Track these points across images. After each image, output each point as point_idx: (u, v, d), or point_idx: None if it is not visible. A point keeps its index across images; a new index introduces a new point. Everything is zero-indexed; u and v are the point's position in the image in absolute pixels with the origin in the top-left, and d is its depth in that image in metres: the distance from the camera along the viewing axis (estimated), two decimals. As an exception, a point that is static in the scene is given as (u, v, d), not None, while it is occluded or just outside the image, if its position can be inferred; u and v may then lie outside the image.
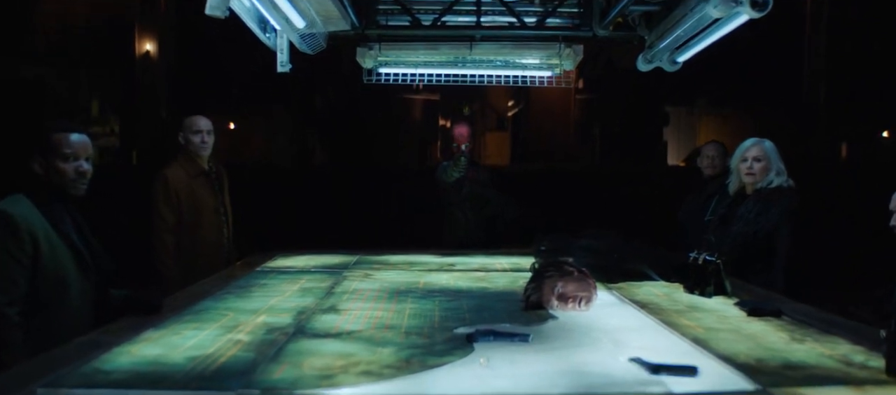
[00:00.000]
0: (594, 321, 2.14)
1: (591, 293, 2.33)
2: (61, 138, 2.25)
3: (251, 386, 1.50)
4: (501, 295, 2.62)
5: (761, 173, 3.21)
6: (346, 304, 2.41)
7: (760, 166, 3.21)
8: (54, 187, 2.24)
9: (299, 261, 3.48)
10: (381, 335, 1.96)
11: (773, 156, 3.22)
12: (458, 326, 2.07)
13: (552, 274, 2.36)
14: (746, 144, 3.29)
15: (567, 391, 1.48)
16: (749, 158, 3.24)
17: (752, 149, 3.25)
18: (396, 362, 1.69)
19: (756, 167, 3.22)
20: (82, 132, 2.30)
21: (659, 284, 2.83)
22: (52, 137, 2.24)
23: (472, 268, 3.28)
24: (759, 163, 3.22)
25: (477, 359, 1.72)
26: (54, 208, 2.24)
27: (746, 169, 3.23)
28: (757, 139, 3.29)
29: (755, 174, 3.22)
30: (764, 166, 3.21)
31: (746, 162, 3.24)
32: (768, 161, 3.21)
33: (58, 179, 2.23)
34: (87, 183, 2.29)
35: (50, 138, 2.23)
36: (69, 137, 2.26)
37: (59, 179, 2.23)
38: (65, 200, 2.28)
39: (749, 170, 3.23)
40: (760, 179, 3.21)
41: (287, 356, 1.74)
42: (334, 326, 2.08)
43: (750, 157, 3.24)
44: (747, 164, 3.24)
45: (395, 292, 2.65)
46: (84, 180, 2.28)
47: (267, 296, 2.54)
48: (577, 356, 1.76)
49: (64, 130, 2.28)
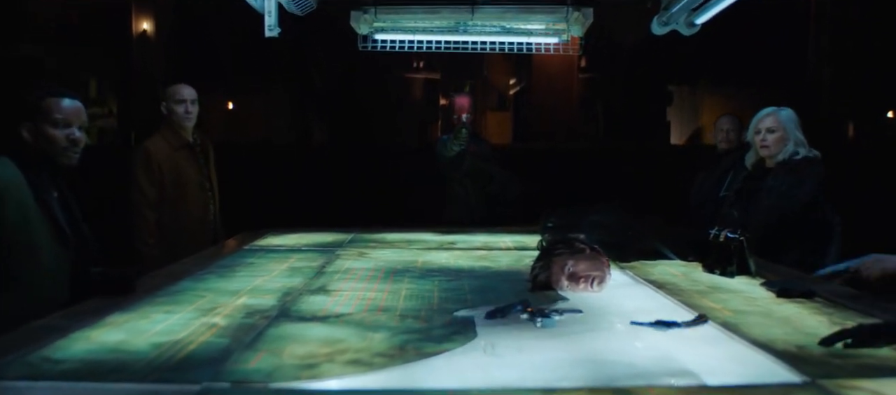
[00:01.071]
0: (609, 304, 1.95)
1: (604, 273, 2.13)
2: (52, 103, 2.06)
3: (220, 377, 1.30)
4: (506, 275, 2.42)
5: (776, 145, 3.00)
6: (336, 284, 2.22)
7: (774, 137, 3.00)
8: (43, 155, 2.06)
9: (290, 239, 3.28)
10: (373, 319, 1.76)
11: (789, 126, 3.00)
12: (458, 308, 1.87)
13: (562, 252, 2.16)
14: (760, 115, 3.08)
15: (585, 383, 1.28)
16: (762, 130, 3.04)
17: (766, 120, 3.04)
18: (389, 349, 1.50)
19: (770, 139, 3.01)
20: (75, 98, 2.12)
21: (675, 263, 2.63)
22: (42, 101, 2.06)
23: (474, 246, 3.08)
24: (773, 134, 3.01)
25: (476, 345, 1.52)
26: (42, 177, 2.06)
27: (760, 141, 3.03)
28: (773, 109, 3.07)
29: (769, 146, 3.01)
30: (779, 137, 3.00)
31: (759, 134, 3.04)
32: (784, 132, 2.99)
33: (48, 146, 2.07)
34: (79, 152, 2.13)
35: (40, 103, 2.06)
36: (61, 103, 2.07)
37: (50, 146, 2.07)
38: (55, 170, 2.10)
39: (763, 142, 3.02)
40: (776, 151, 3.00)
41: (266, 342, 1.54)
42: (322, 308, 1.88)
43: (763, 128, 3.03)
44: (761, 136, 3.03)
45: (390, 271, 2.46)
46: (76, 149, 2.11)
47: (251, 276, 2.34)
48: (593, 342, 1.56)
49: (55, 94, 2.08)
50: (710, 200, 3.74)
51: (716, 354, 1.48)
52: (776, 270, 2.44)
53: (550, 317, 1.71)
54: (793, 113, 3.06)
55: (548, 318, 1.69)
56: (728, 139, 3.95)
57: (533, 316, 1.71)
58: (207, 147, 3.32)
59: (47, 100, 2.06)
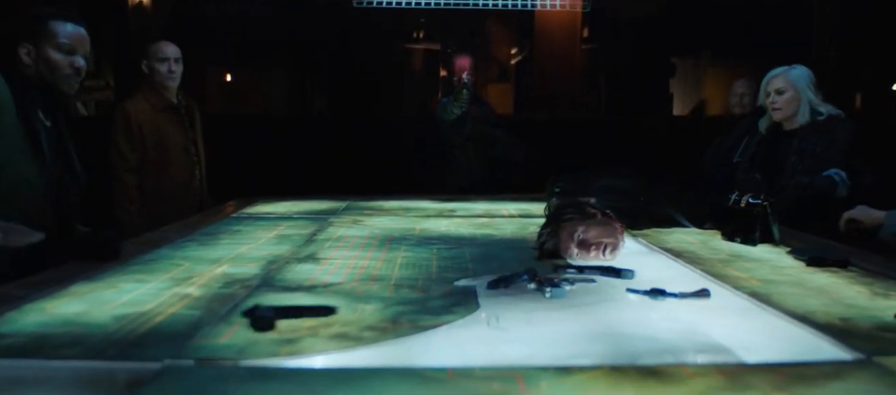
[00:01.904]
0: (624, 272, 1.77)
1: (617, 240, 1.96)
2: (57, 27, 1.91)
3: (186, 354, 1.13)
4: (510, 243, 2.25)
5: (788, 106, 2.83)
6: (327, 252, 2.05)
7: (785, 99, 2.82)
8: (41, 79, 1.93)
9: (281, 207, 3.11)
10: (364, 289, 1.59)
11: (800, 84, 2.81)
12: (459, 277, 1.70)
13: (571, 217, 1.98)
14: (769, 75, 2.90)
15: (603, 360, 1.11)
16: (771, 92, 2.86)
17: (775, 80, 2.86)
18: (381, 322, 1.33)
19: (780, 100, 2.83)
20: (80, 23, 1.97)
21: (690, 231, 2.46)
22: (45, 23, 1.90)
23: (476, 214, 2.91)
24: (782, 95, 2.83)
25: (479, 318, 1.35)
26: (32, 98, 1.89)
27: (771, 103, 2.85)
28: (782, 68, 2.88)
29: (781, 108, 2.84)
30: (790, 98, 2.82)
31: (769, 96, 2.86)
32: (794, 91, 2.81)
33: (48, 71, 1.92)
34: (79, 81, 1.99)
35: (43, 25, 1.90)
36: (66, 28, 1.91)
37: (50, 72, 1.92)
38: (53, 98, 1.97)
39: (773, 104, 2.85)
40: (789, 113, 2.83)
41: (241, 315, 1.37)
42: (309, 278, 1.71)
43: (772, 90, 2.86)
44: (770, 98, 2.86)
45: (386, 239, 2.29)
46: (79, 77, 1.98)
47: (235, 244, 2.18)
48: (609, 314, 1.39)
49: (60, 17, 1.92)
50: (725, 165, 3.56)
51: (748, 327, 1.31)
52: (799, 237, 2.27)
53: (560, 287, 1.54)
54: (805, 71, 2.86)
55: (557, 287, 1.52)
56: (742, 104, 3.77)
57: (541, 286, 1.54)
58: (193, 109, 3.14)
59: (51, 23, 1.90)
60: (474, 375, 1.05)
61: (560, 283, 1.58)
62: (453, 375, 1.04)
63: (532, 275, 1.60)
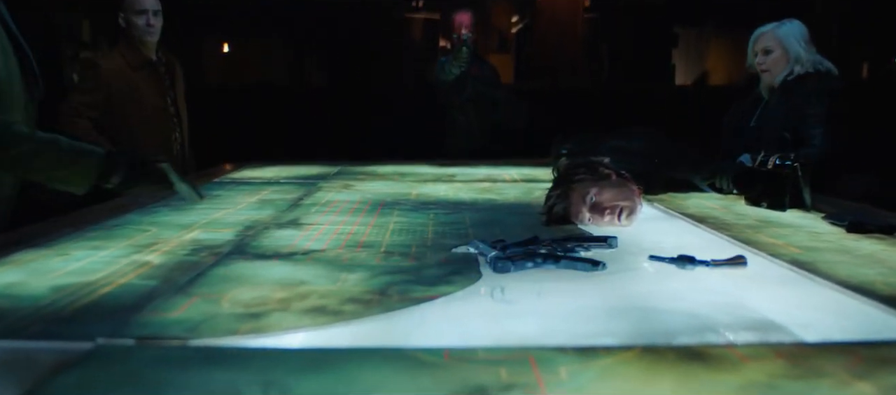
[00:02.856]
0: (643, 240, 1.58)
1: (634, 203, 1.76)
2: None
3: (125, 332, 0.93)
4: (513, 208, 2.05)
5: (775, 66, 2.59)
6: (311, 218, 1.85)
7: (772, 58, 2.59)
8: None
9: (269, 172, 2.91)
10: (350, 257, 1.40)
11: (789, 41, 2.56)
12: (457, 244, 1.51)
13: (583, 178, 1.78)
14: (756, 34, 2.66)
15: (633, 339, 0.92)
16: (758, 51, 2.62)
17: (762, 39, 2.62)
18: (365, 293, 1.13)
19: (768, 61, 2.59)
20: None
21: (710, 195, 2.26)
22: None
23: (477, 179, 2.70)
24: (770, 55, 2.59)
25: (481, 289, 1.16)
26: None
27: (759, 65, 2.62)
28: (771, 25, 2.64)
29: (769, 70, 2.60)
30: (777, 57, 2.58)
31: (756, 56, 2.63)
32: (783, 50, 2.57)
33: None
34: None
35: None
36: None
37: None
38: None
39: (761, 65, 2.62)
40: (778, 73, 2.58)
41: (205, 285, 1.17)
42: (289, 244, 1.51)
43: (759, 49, 2.62)
44: (758, 59, 2.63)
45: (378, 204, 2.09)
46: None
47: (212, 209, 1.98)
48: (632, 285, 1.20)
49: None
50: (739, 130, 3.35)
51: (798, 300, 1.11)
52: (831, 201, 2.07)
53: (577, 256, 1.34)
54: (797, 26, 2.61)
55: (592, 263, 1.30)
56: (760, 63, 3.54)
57: (558, 260, 1.33)
58: (174, 67, 2.92)
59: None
60: (476, 357, 0.85)
61: (574, 248, 1.38)
62: (451, 357, 0.85)
63: (541, 248, 1.40)
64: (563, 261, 1.29)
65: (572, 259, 1.29)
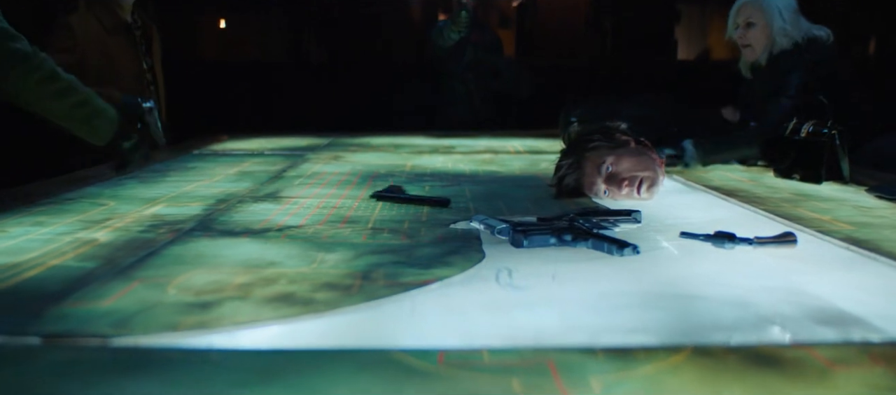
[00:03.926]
0: (668, 215, 1.38)
1: (655, 174, 1.56)
2: None
3: (35, 327, 0.74)
4: (519, 180, 1.86)
5: (757, 41, 2.26)
6: (293, 190, 1.65)
7: (754, 33, 2.25)
8: None
9: (254, 143, 2.71)
10: (332, 233, 1.20)
11: (771, 13, 2.21)
12: (456, 219, 1.31)
13: (598, 145, 1.58)
14: (737, 5, 2.30)
15: (680, 337, 0.72)
16: (739, 24, 2.29)
17: (743, 10, 2.27)
18: (345, 277, 0.94)
19: (748, 35, 2.26)
20: None
21: (733, 167, 2.07)
22: None
23: (477, 150, 2.50)
24: (751, 28, 2.25)
25: (485, 272, 0.96)
26: None
27: (739, 39, 2.30)
28: None
29: (751, 45, 2.27)
30: (758, 32, 2.24)
31: (737, 29, 2.30)
32: (765, 23, 2.22)
33: None
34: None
35: None
36: None
37: None
38: None
39: (742, 40, 2.29)
40: (760, 50, 2.26)
41: (152, 267, 0.98)
42: (263, 219, 1.32)
43: (740, 22, 2.28)
44: (739, 31, 2.29)
45: (369, 176, 1.89)
46: None
47: (184, 181, 1.78)
48: (665, 268, 1.00)
49: None
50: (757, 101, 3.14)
51: (867, 285, 0.92)
52: (867, 172, 1.87)
53: (615, 237, 1.14)
54: None
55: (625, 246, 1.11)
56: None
57: (587, 237, 1.14)
58: (151, 32, 2.70)
59: None
60: (480, 362, 0.66)
61: (599, 224, 1.19)
62: (447, 362, 0.66)
63: (569, 223, 1.20)
64: (590, 239, 1.10)
65: (601, 239, 1.09)
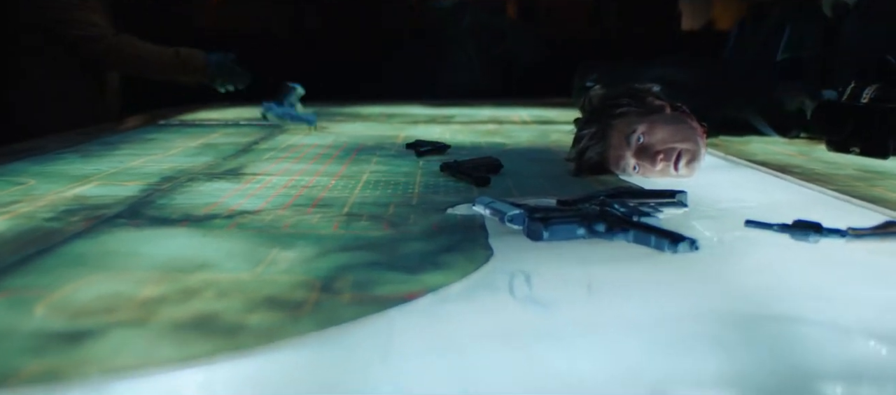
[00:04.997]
0: (719, 199, 1.12)
1: (696, 146, 1.29)
2: None
3: None
4: (529, 153, 1.59)
5: None
6: (260, 166, 1.38)
7: None
8: None
9: (230, 113, 2.43)
10: (295, 220, 0.93)
11: None
12: (455, 201, 1.04)
13: (626, 111, 1.31)
14: None
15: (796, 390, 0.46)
16: None
17: None
18: (297, 287, 0.67)
19: None
20: None
21: (773, 139, 1.80)
22: None
23: (479, 120, 2.23)
24: None
25: (493, 278, 0.70)
26: None
27: None
28: None
29: None
30: None
31: None
32: None
33: None
34: None
35: None
36: None
37: None
38: None
39: None
40: None
41: (31, 273, 0.71)
42: (213, 202, 1.05)
43: None
44: None
45: (353, 149, 1.62)
46: None
47: (134, 155, 1.51)
48: (740, 274, 0.74)
49: None
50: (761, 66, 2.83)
51: None
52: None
53: (662, 228, 0.88)
54: None
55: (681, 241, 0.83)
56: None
57: (628, 227, 0.86)
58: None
59: None
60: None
61: (639, 209, 0.92)
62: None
63: (599, 208, 0.94)
64: (631, 230, 0.83)
65: (647, 230, 0.82)
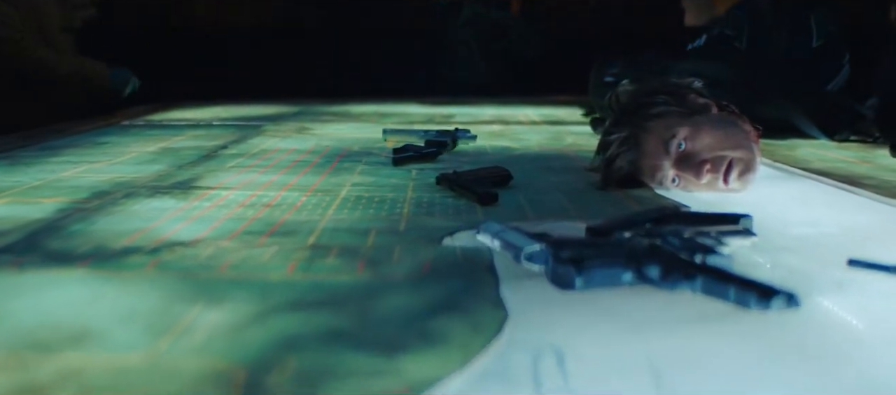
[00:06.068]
0: (787, 223, 0.88)
1: (751, 154, 1.05)
2: None
3: None
4: (542, 160, 1.35)
5: None
6: (219, 177, 1.15)
7: None
8: None
9: (207, 112, 2.20)
10: (242, 258, 0.70)
11: None
12: (454, 228, 0.81)
13: (662, 110, 1.07)
14: None
15: None
16: None
17: None
18: (205, 386, 0.43)
19: None
20: None
21: (822, 143, 1.56)
22: None
23: (483, 120, 1.99)
24: None
25: (511, 361, 0.46)
26: None
27: None
28: None
29: None
30: None
31: None
32: None
33: None
34: None
35: None
36: None
37: None
38: None
39: None
40: None
41: None
42: (139, 230, 0.81)
43: None
44: None
45: (335, 155, 1.38)
46: None
47: (73, 163, 1.28)
48: (868, 354, 0.50)
49: None
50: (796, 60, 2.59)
51: None
52: None
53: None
54: None
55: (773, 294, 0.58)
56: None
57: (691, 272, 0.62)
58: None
59: None
60: None
61: (705, 241, 0.68)
62: None
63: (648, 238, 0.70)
64: (699, 276, 0.59)
65: (724, 278, 0.58)
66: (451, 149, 1.39)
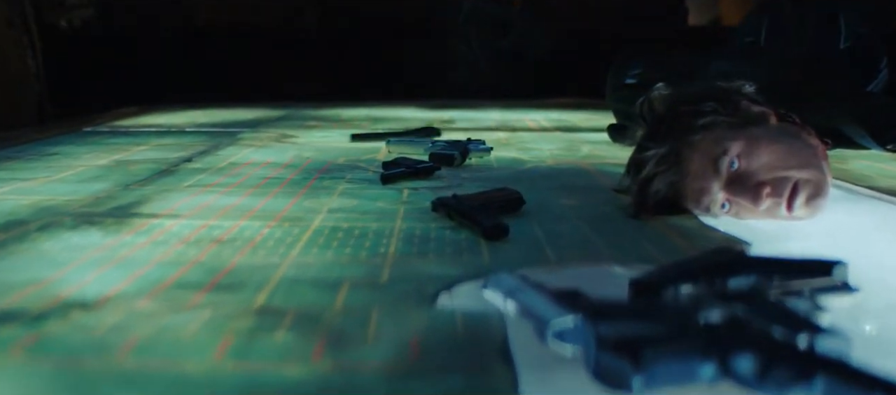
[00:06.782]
0: (891, 265, 0.68)
1: (822, 174, 0.85)
2: None
3: None
4: (555, 176, 1.15)
5: None
6: (173, 198, 0.95)
7: None
8: None
9: (180, 117, 2.01)
10: (150, 332, 0.50)
11: None
12: (454, 277, 0.61)
13: (710, 120, 0.87)
14: None
15: None
16: None
17: None
18: None
19: None
20: None
21: (879, 154, 1.36)
22: None
23: (486, 126, 1.79)
24: None
25: None
26: None
27: None
28: None
29: None
30: None
31: None
32: None
33: None
34: None
35: None
36: None
37: None
38: None
39: None
40: None
41: None
42: (33, 283, 0.61)
43: None
44: None
45: (314, 171, 1.18)
46: None
47: (5, 179, 1.08)
48: None
49: None
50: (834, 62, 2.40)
51: None
52: None
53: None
54: None
55: None
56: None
57: (810, 372, 0.42)
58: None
59: None
60: None
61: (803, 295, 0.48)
62: None
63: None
64: (819, 374, 0.39)
65: (856, 379, 0.39)
66: (458, 163, 1.20)
